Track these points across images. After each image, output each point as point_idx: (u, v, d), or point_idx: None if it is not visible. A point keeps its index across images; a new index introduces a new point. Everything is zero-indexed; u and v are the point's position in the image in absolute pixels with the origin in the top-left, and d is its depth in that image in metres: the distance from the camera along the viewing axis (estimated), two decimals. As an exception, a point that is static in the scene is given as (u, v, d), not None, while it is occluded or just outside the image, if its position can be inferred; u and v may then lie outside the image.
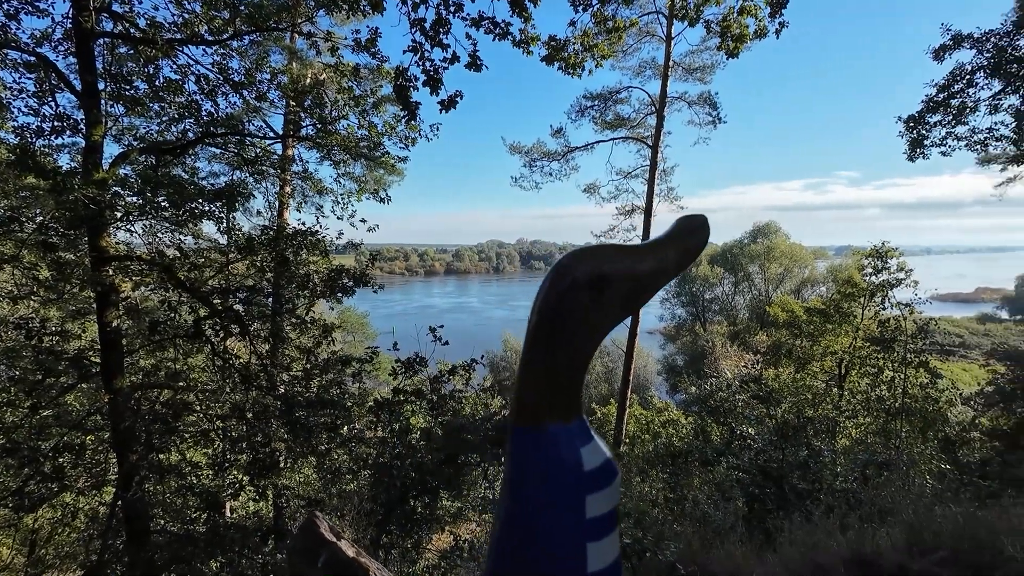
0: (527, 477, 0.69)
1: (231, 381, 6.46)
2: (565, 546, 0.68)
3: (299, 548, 1.94)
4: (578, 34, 8.63)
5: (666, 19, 14.56)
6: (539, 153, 16.87)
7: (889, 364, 11.32)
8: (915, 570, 2.23)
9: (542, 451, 0.68)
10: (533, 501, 0.68)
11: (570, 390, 0.70)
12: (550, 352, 0.70)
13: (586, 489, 0.70)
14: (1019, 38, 9.23)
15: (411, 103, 6.00)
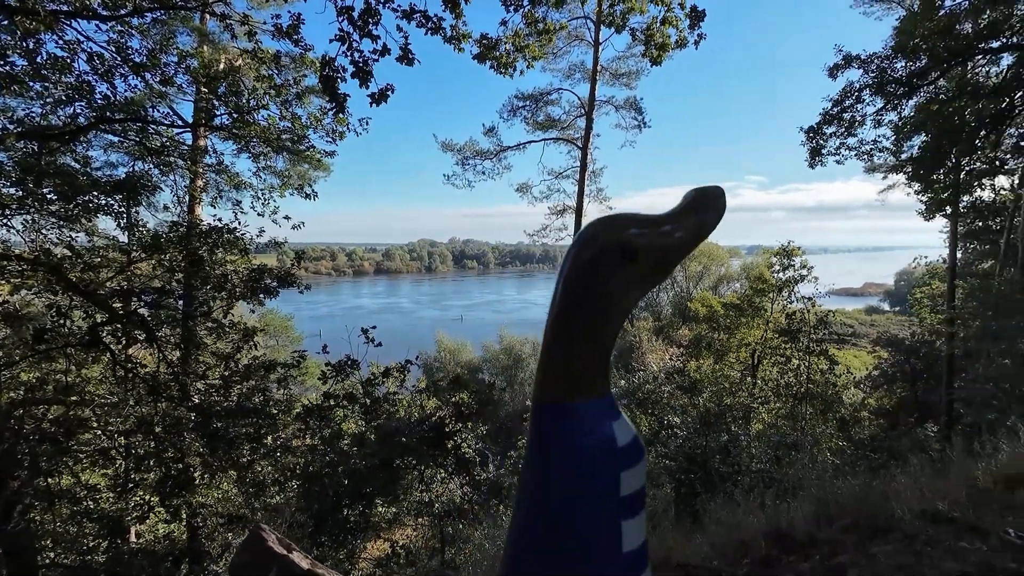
0: (559, 455, 0.65)
1: (135, 393, 5.86)
2: (601, 525, 0.64)
3: (243, 564, 1.73)
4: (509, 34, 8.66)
5: (594, 24, 15.02)
6: (472, 151, 16.81)
7: (795, 353, 12.41)
8: (823, 538, 2.42)
9: (576, 428, 0.64)
10: (566, 480, 0.64)
11: (602, 364, 0.67)
12: (582, 324, 0.65)
13: (620, 465, 0.66)
14: (897, 61, 10.43)
15: (339, 95, 5.74)
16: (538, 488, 0.70)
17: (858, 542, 2.29)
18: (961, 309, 14.47)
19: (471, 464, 6.13)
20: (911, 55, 10.24)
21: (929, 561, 2.00)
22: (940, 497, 2.67)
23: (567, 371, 0.68)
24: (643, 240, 0.63)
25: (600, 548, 0.67)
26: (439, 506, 6.27)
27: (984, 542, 2.13)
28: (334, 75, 5.45)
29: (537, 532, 0.69)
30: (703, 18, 7.41)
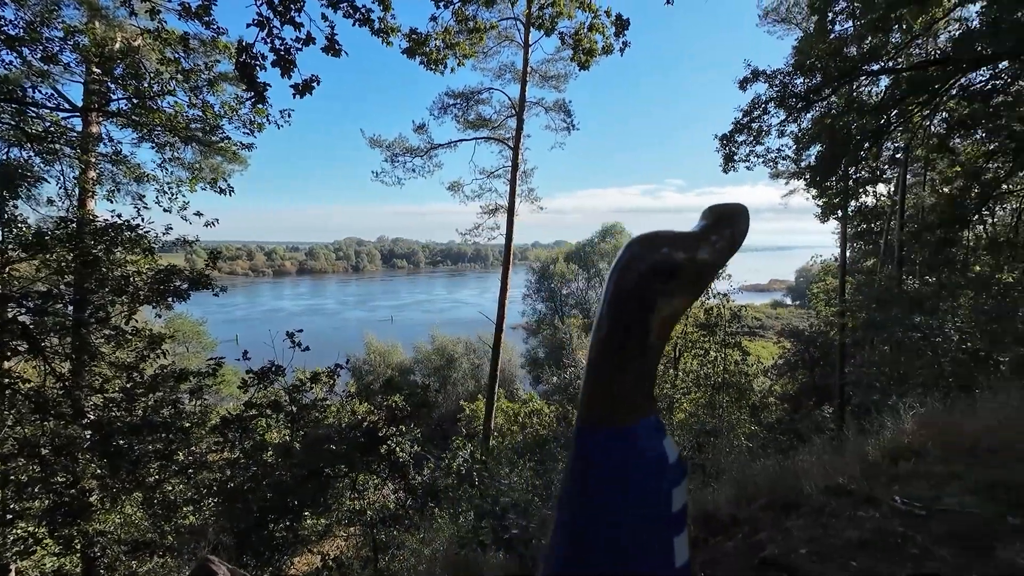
0: (612, 475, 0.63)
1: (15, 412, 5.15)
2: (656, 541, 0.63)
3: None
4: (439, 30, 8.57)
5: (524, 26, 15.19)
6: (401, 148, 16.44)
7: (712, 346, 13.30)
8: (743, 518, 2.60)
9: (632, 447, 0.63)
10: (620, 498, 0.62)
11: (651, 384, 0.66)
12: (631, 346, 0.63)
13: (671, 482, 0.66)
14: (796, 78, 11.47)
15: (258, 84, 5.39)
16: (591, 511, 0.69)
17: (774, 519, 2.48)
18: (850, 302, 16.20)
19: (406, 468, 5.99)
20: (808, 73, 11.31)
21: (833, 531, 2.21)
22: (839, 472, 2.97)
23: (620, 393, 0.67)
24: (681, 258, 0.63)
25: (657, 564, 0.67)
26: (372, 514, 6.06)
27: (877, 510, 2.39)
28: (252, 62, 5.10)
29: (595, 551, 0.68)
30: (627, 27, 7.73)
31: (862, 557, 1.98)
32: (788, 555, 2.04)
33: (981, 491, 2.54)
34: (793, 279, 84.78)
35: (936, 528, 2.17)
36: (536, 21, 9.81)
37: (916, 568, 1.89)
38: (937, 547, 2.03)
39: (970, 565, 1.90)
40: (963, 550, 2.00)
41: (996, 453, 3.12)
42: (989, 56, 8.46)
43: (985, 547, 2.02)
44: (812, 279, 27.57)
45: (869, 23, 10.24)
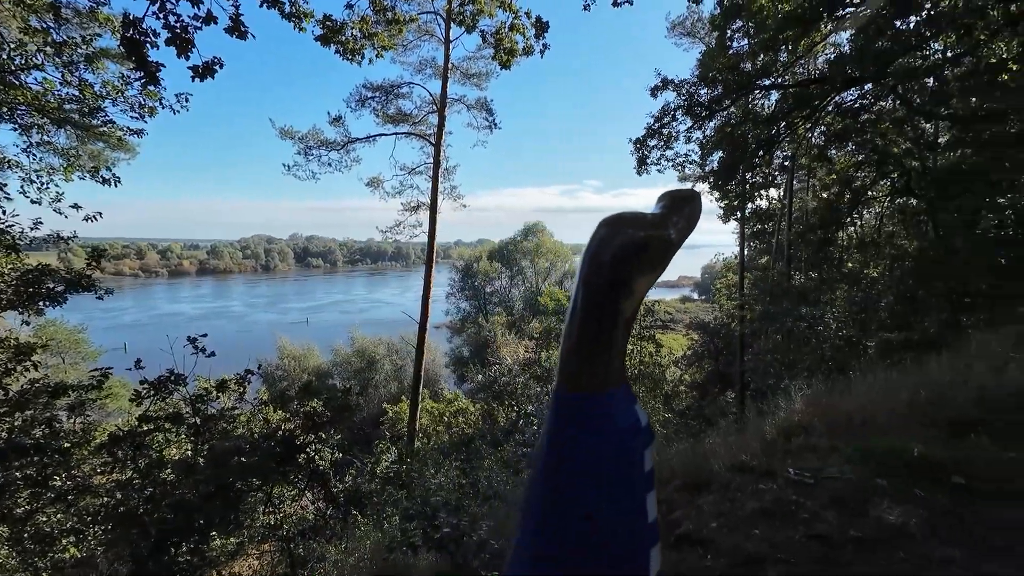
0: (592, 438, 0.67)
1: None
2: (631, 497, 0.68)
3: None
4: (356, 19, 8.25)
5: (445, 22, 15.02)
6: (316, 141, 15.62)
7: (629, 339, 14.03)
8: (661, 499, 2.77)
9: (609, 412, 0.67)
10: (607, 462, 0.66)
11: (623, 353, 0.71)
12: (608, 319, 0.67)
13: (644, 444, 0.70)
14: (701, 88, 12.38)
15: (149, 63, 4.87)
16: (571, 473, 0.74)
17: (687, 498, 2.66)
18: (747, 296, 17.78)
19: (327, 476, 5.71)
20: (710, 84, 12.26)
21: (739, 504, 2.42)
22: (742, 451, 3.25)
23: (599, 363, 0.71)
24: (651, 237, 0.69)
25: (633, 521, 0.72)
26: (289, 527, 5.71)
27: (775, 482, 2.65)
28: (142, 39, 4.60)
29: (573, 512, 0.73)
30: (547, 29, 7.91)
31: (763, 525, 2.18)
32: (700, 530, 2.19)
33: (856, 460, 2.90)
34: (699, 275, 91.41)
35: (822, 495, 2.44)
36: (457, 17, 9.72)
37: (807, 530, 2.11)
38: (823, 511, 2.28)
39: (849, 524, 2.16)
40: (843, 511, 2.27)
41: (866, 426, 3.58)
42: (857, 78, 9.65)
43: (860, 508, 2.31)
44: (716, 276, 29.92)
45: (761, 42, 11.28)
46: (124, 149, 10.96)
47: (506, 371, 15.68)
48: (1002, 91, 7.48)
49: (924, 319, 9.45)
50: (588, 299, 0.72)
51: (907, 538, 2.07)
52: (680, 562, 2.00)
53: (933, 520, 2.20)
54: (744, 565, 1.90)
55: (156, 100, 6.52)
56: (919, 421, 3.62)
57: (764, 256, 20.44)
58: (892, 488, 2.51)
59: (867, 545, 2.01)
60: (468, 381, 29.52)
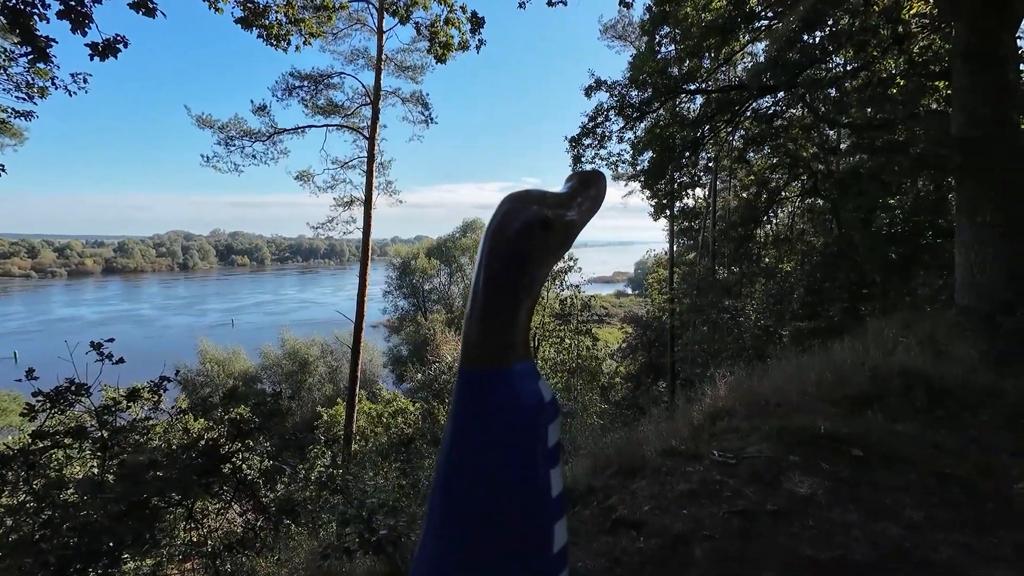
0: (494, 413, 0.70)
1: None
2: (537, 474, 0.71)
3: None
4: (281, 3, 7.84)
5: (377, 11, 14.57)
6: (238, 130, 14.69)
7: (567, 333, 14.35)
8: (598, 486, 2.86)
9: (514, 388, 0.70)
10: (508, 436, 0.70)
11: (527, 329, 0.72)
12: (512, 293, 0.68)
13: (547, 419, 0.73)
14: (632, 90, 12.85)
15: (37, 38, 4.36)
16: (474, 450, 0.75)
17: (623, 483, 2.77)
18: (677, 290, 18.73)
19: (255, 486, 5.41)
20: (641, 87, 12.76)
21: (669, 487, 2.55)
22: (672, 436, 3.42)
23: (501, 338, 0.71)
24: (554, 214, 0.72)
25: (537, 495, 0.72)
26: (214, 543, 5.35)
27: (701, 464, 2.81)
28: (28, 9, 4.11)
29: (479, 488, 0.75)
30: (483, 24, 7.88)
31: (691, 505, 2.32)
32: (634, 513, 2.29)
33: (772, 437, 3.13)
34: (633, 271, 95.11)
35: (743, 472, 2.62)
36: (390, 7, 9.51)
37: (729, 507, 2.26)
38: (744, 487, 2.45)
39: (766, 498, 2.34)
40: (761, 487, 2.46)
41: (781, 406, 3.88)
42: (771, 86, 10.41)
43: (775, 482, 2.50)
44: (648, 271, 31.27)
45: (686, 48, 11.88)
46: (9, 134, 9.79)
47: (446, 369, 15.56)
48: (891, 102, 8.35)
49: (829, 309, 10.39)
50: (489, 275, 0.75)
51: (815, 506, 2.27)
52: (615, 545, 2.08)
53: (836, 489, 2.43)
54: (673, 543, 2.00)
55: (47, 80, 5.84)
56: (825, 400, 3.98)
57: (692, 252, 21.62)
58: (803, 462, 2.74)
59: (781, 516, 2.18)
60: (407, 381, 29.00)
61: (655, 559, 1.93)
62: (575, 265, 16.72)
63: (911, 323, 6.27)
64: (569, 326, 14.25)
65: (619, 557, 2.00)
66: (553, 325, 14.71)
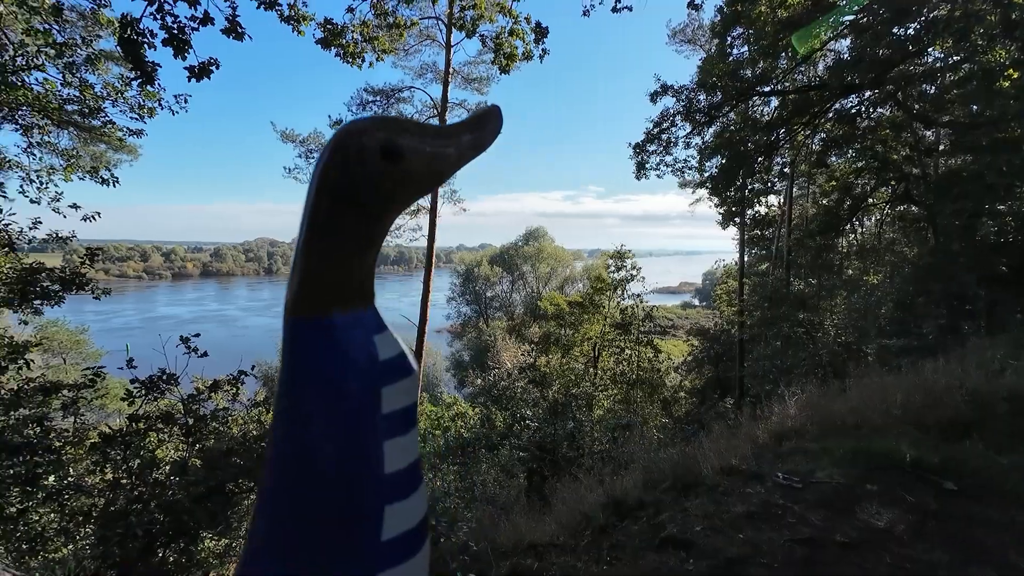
0: (313, 371, 0.59)
1: None
2: (361, 443, 0.59)
3: None
4: (357, 23, 8.30)
5: (446, 27, 15.10)
6: (317, 144, 15.70)
7: (627, 344, 13.98)
8: (649, 501, 2.74)
9: (331, 340, 0.59)
10: (321, 397, 0.58)
11: (362, 271, 0.58)
12: (337, 227, 0.55)
13: (382, 380, 0.61)
14: (700, 94, 12.41)
15: (145, 63, 4.90)
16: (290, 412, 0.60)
17: (675, 500, 2.64)
18: (747, 302, 17.74)
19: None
20: (710, 91, 12.29)
21: (725, 507, 2.39)
22: (733, 454, 3.22)
23: (321, 281, 0.58)
24: (407, 142, 0.57)
25: (359, 469, 0.58)
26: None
27: (763, 486, 2.62)
28: (139, 39, 4.63)
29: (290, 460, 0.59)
30: (546, 34, 7.94)
31: (748, 528, 2.16)
32: (685, 532, 2.17)
33: (846, 462, 2.87)
34: (700, 282, 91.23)
35: (810, 497, 2.42)
36: (458, 22, 9.78)
37: (792, 533, 2.09)
38: (810, 514, 2.26)
39: (836, 528, 2.14)
40: (831, 515, 2.25)
41: (859, 428, 3.55)
42: (856, 85, 9.67)
43: (847, 511, 2.29)
44: (716, 281, 29.90)
45: (760, 48, 11.32)
46: (126, 151, 11.01)
47: (505, 375, 15.65)
48: (1000, 96, 7.48)
49: (923, 325, 9.41)
50: (309, 208, 0.60)
51: (894, 541, 2.05)
52: (661, 564, 1.98)
53: (921, 523, 2.18)
54: (726, 568, 1.88)
55: (155, 101, 6.55)
56: (913, 424, 3.59)
57: (764, 262, 20.41)
58: (882, 492, 2.49)
59: (852, 548, 1.99)
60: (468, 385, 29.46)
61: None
62: (637, 274, 16.30)
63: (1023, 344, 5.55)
64: (630, 336, 13.87)
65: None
66: (613, 335, 14.39)
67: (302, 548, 0.56)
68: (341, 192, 0.55)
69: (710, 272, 70.20)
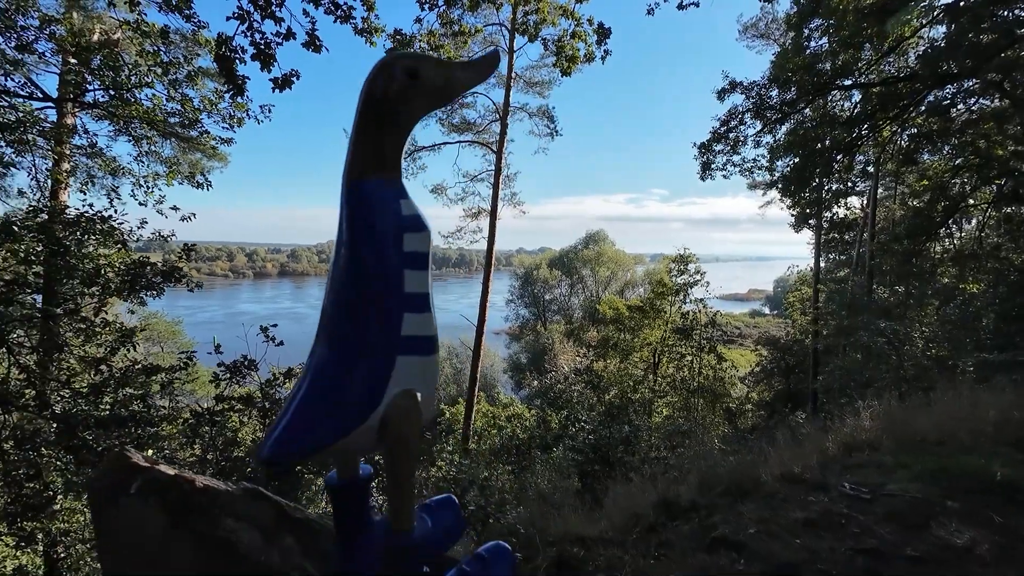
0: (358, 212, 0.91)
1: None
2: (387, 264, 0.90)
3: (103, 481, 1.52)
4: (424, 32, 8.64)
5: (509, 32, 15.35)
6: (385, 150, 16.45)
7: (688, 350, 13.51)
8: (702, 504, 2.69)
9: (367, 195, 0.90)
10: (362, 234, 0.90)
11: (393, 154, 0.93)
12: (376, 122, 0.88)
13: (403, 228, 0.91)
14: (772, 90, 11.80)
15: (237, 77, 5.38)
16: (346, 236, 0.93)
17: (730, 504, 2.57)
18: (823, 310, 16.60)
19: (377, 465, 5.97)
20: (783, 86, 11.65)
21: (783, 513, 2.31)
22: (796, 462, 3.07)
23: (366, 156, 0.91)
24: (424, 68, 0.90)
25: (387, 285, 0.91)
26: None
27: (826, 495, 2.50)
28: (232, 55, 5.10)
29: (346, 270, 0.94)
30: (609, 35, 7.89)
31: (806, 535, 2.07)
32: (737, 534, 2.12)
33: (925, 478, 2.67)
34: (771, 289, 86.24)
35: (878, 509, 2.27)
36: (520, 27, 9.93)
37: (855, 544, 1.98)
38: (877, 526, 2.13)
39: (906, 541, 2.01)
40: (901, 528, 2.11)
41: (944, 444, 3.27)
42: (952, 74, 8.83)
43: (921, 526, 2.13)
44: (789, 289, 28.18)
45: (842, 39, 10.60)
46: (218, 158, 12.08)
47: (562, 379, 15.61)
48: None
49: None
50: (360, 107, 0.86)
51: (974, 560, 1.90)
52: (711, 564, 1.95)
53: (1008, 546, 2.00)
54: (779, 571, 1.82)
55: (243, 111, 7.16)
56: (1009, 444, 3.26)
57: (844, 268, 19.00)
58: (964, 510, 2.30)
59: (923, 563, 1.86)
60: (525, 387, 29.57)
61: (756, 583, 1.77)
62: (701, 278, 15.70)
63: None
64: (691, 341, 13.39)
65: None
66: (674, 340, 13.94)
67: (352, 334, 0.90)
68: (378, 97, 0.88)
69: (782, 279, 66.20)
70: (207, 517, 1.41)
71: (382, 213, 0.91)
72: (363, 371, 0.89)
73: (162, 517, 1.39)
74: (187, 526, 1.39)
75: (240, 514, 1.42)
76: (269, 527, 1.39)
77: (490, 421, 16.04)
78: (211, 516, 1.41)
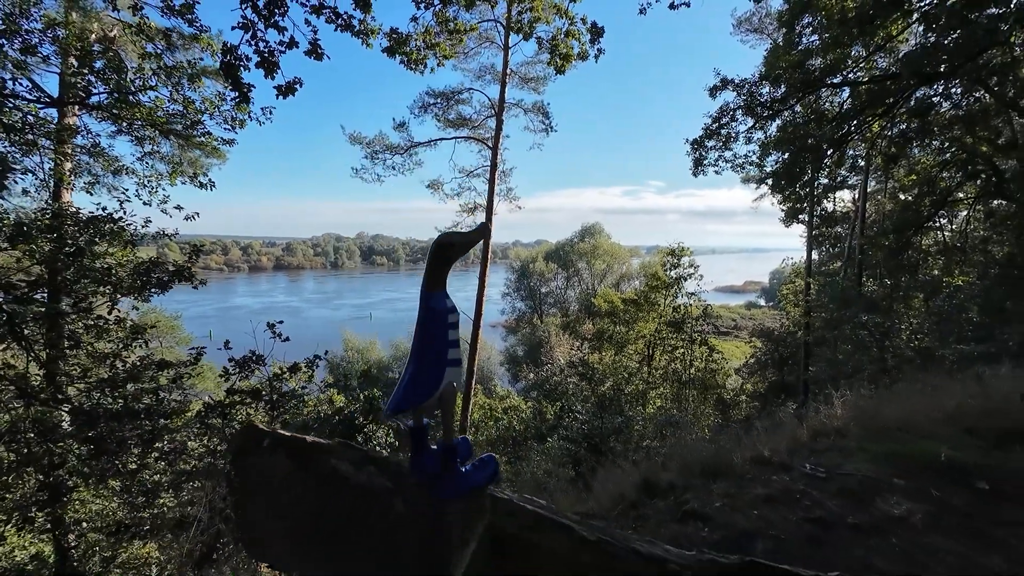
0: (429, 312, 1.68)
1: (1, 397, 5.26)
2: (441, 343, 1.71)
3: (239, 445, 2.30)
4: (420, 31, 8.82)
5: (504, 29, 15.47)
6: (381, 145, 16.57)
7: (680, 342, 13.81)
8: (679, 484, 2.97)
9: (434, 301, 1.68)
10: (431, 322, 1.69)
11: (443, 277, 1.72)
12: (438, 267, 1.69)
13: (447, 312, 1.70)
14: (763, 87, 12.01)
15: (242, 84, 5.57)
16: (422, 325, 1.74)
17: (703, 484, 2.85)
18: (814, 302, 16.93)
19: (382, 455, 6.23)
20: (774, 83, 11.85)
21: (748, 490, 2.58)
22: (767, 447, 3.36)
23: (432, 278, 1.70)
24: (455, 238, 1.69)
25: (439, 347, 1.75)
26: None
27: (788, 475, 2.78)
28: (237, 63, 5.29)
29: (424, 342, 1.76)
30: (602, 34, 8.11)
31: (764, 508, 2.35)
32: (705, 508, 2.40)
33: (880, 460, 2.95)
34: (767, 281, 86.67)
35: (831, 487, 2.55)
36: (515, 25, 10.10)
37: (806, 515, 2.26)
38: (828, 500, 2.41)
39: (850, 513, 2.29)
40: (848, 502, 2.39)
41: (903, 431, 3.56)
42: (934, 74, 9.06)
43: (867, 500, 2.41)
44: (783, 281, 28.52)
45: (832, 37, 10.80)
46: (216, 156, 12.24)
47: (557, 371, 15.90)
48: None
49: (1005, 331, 8.74)
50: (433, 257, 1.75)
51: (907, 528, 2.18)
52: (680, 532, 2.22)
53: (939, 515, 2.28)
54: (737, 538, 2.09)
55: (246, 115, 7.34)
56: (963, 430, 3.55)
57: (836, 261, 19.32)
58: (908, 486, 2.58)
59: (862, 531, 2.14)
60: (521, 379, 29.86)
61: (716, 547, 2.04)
62: (694, 272, 15.98)
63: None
64: (682, 334, 13.69)
65: (682, 543, 2.14)
66: (666, 333, 14.24)
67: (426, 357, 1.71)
68: (440, 254, 1.70)
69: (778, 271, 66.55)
70: (318, 460, 2.10)
71: (439, 307, 1.67)
72: (432, 374, 1.68)
73: (288, 461, 2.13)
74: (307, 466, 2.10)
75: (339, 456, 2.08)
76: (358, 462, 2.04)
77: (487, 413, 16.34)
78: (321, 459, 2.09)
